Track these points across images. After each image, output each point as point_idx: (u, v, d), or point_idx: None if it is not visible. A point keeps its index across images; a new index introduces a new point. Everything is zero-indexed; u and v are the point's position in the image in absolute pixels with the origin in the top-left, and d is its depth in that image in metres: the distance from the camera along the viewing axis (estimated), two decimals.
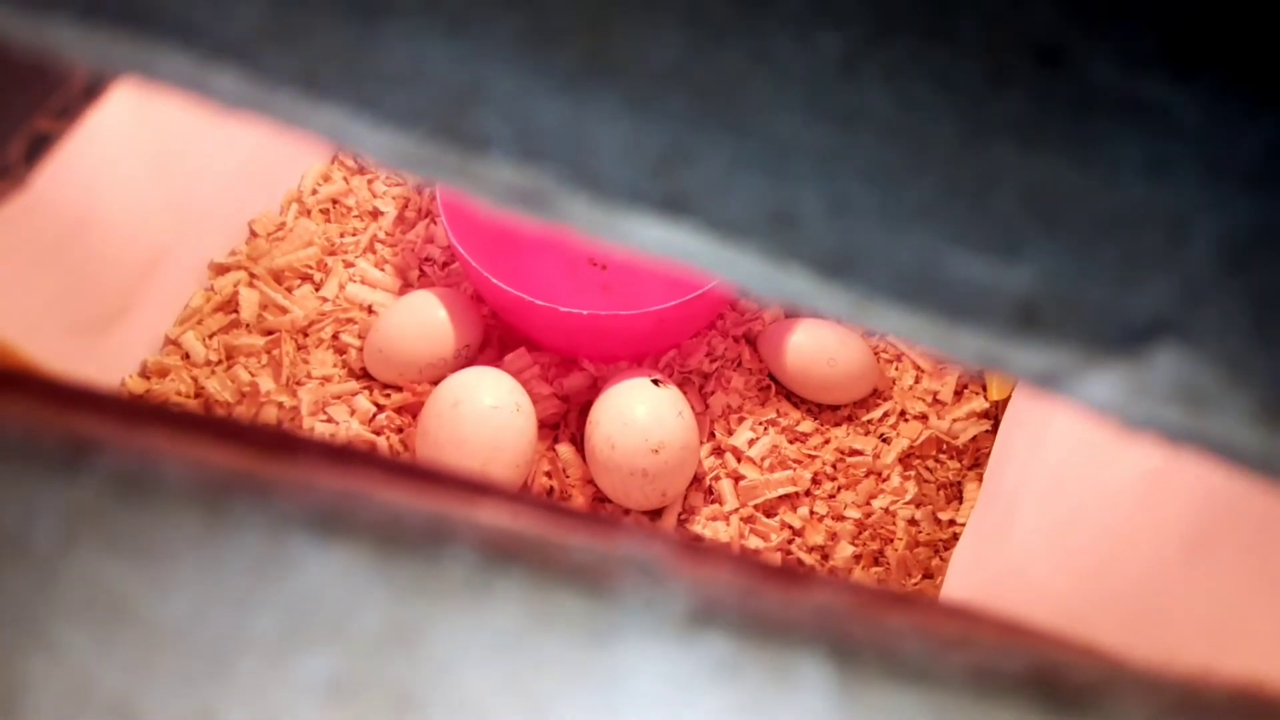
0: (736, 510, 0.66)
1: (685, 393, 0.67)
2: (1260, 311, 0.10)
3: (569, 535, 0.10)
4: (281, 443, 0.11)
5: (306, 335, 0.71)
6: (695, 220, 0.10)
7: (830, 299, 0.10)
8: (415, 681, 0.09)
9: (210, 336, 0.70)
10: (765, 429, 0.69)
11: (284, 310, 0.71)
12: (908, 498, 0.67)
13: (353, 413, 0.67)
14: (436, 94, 0.10)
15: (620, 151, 0.10)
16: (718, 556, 0.10)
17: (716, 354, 0.72)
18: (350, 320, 0.71)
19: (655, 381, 0.64)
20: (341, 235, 0.76)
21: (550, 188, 0.10)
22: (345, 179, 0.79)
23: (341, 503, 0.10)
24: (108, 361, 0.66)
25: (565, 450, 0.67)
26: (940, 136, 0.11)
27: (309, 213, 0.77)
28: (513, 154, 0.10)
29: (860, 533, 0.66)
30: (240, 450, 0.10)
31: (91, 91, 0.19)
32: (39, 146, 0.19)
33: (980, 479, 0.67)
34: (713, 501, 0.66)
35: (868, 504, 0.67)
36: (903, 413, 0.71)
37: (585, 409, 0.67)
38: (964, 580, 0.61)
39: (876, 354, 0.71)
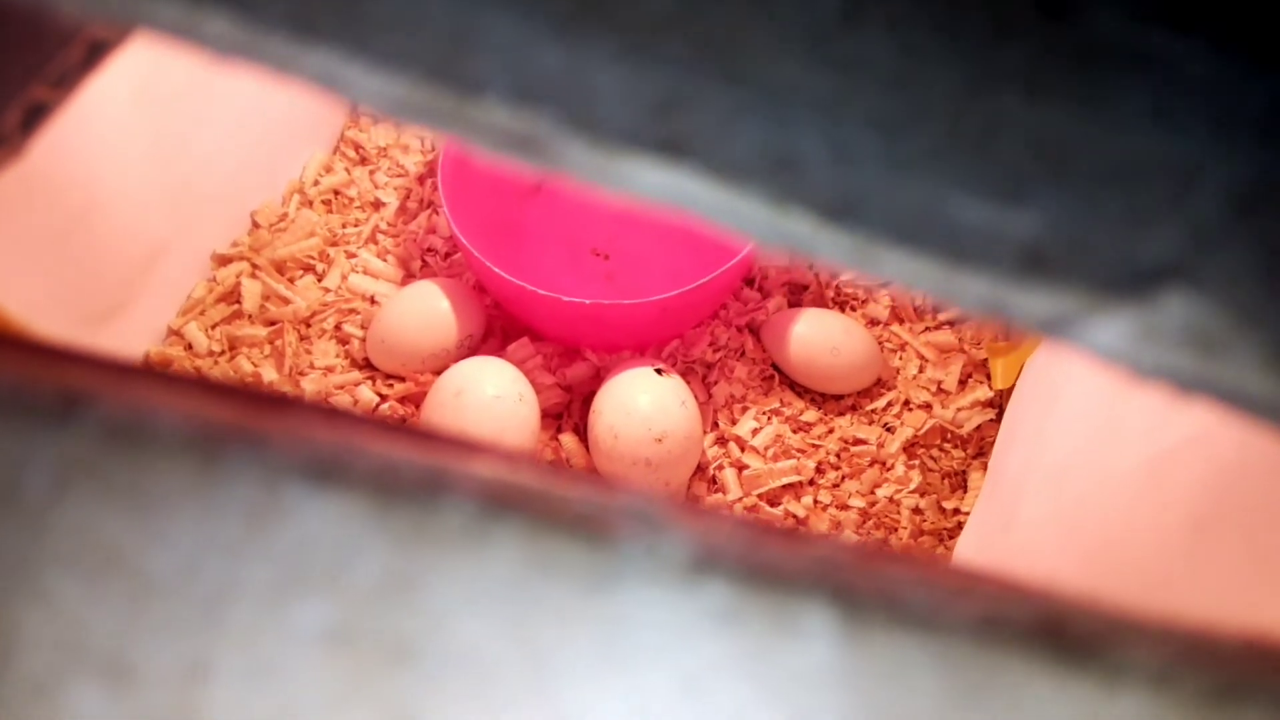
0: (740, 500, 0.66)
1: (689, 382, 0.67)
2: (1271, 258, 0.10)
3: (568, 487, 0.10)
4: (275, 399, 0.11)
5: (309, 326, 0.71)
6: (695, 163, 0.10)
7: (832, 243, 0.10)
8: (413, 630, 0.09)
9: (213, 327, 0.70)
10: (769, 418, 0.69)
11: (286, 301, 0.71)
12: (912, 487, 0.67)
13: (356, 403, 0.67)
14: (431, 37, 0.10)
15: (618, 95, 0.10)
16: (718, 514, 0.10)
17: (720, 343, 0.71)
18: (353, 311, 0.71)
19: (658, 371, 0.64)
20: (344, 226, 0.76)
21: (547, 132, 0.10)
22: (347, 170, 0.79)
23: (337, 453, 0.10)
24: (111, 351, 0.66)
25: (568, 440, 0.66)
26: (944, 85, 0.10)
27: (311, 203, 0.77)
28: (508, 98, 0.10)
29: (864, 522, 0.65)
30: (233, 404, 0.10)
31: (90, 60, 0.19)
32: (36, 115, 0.19)
33: (984, 468, 0.67)
34: (716, 491, 0.66)
35: (872, 493, 0.67)
36: (907, 402, 0.71)
37: (588, 399, 0.67)
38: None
39: (880, 343, 0.71)
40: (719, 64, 0.10)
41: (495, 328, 0.72)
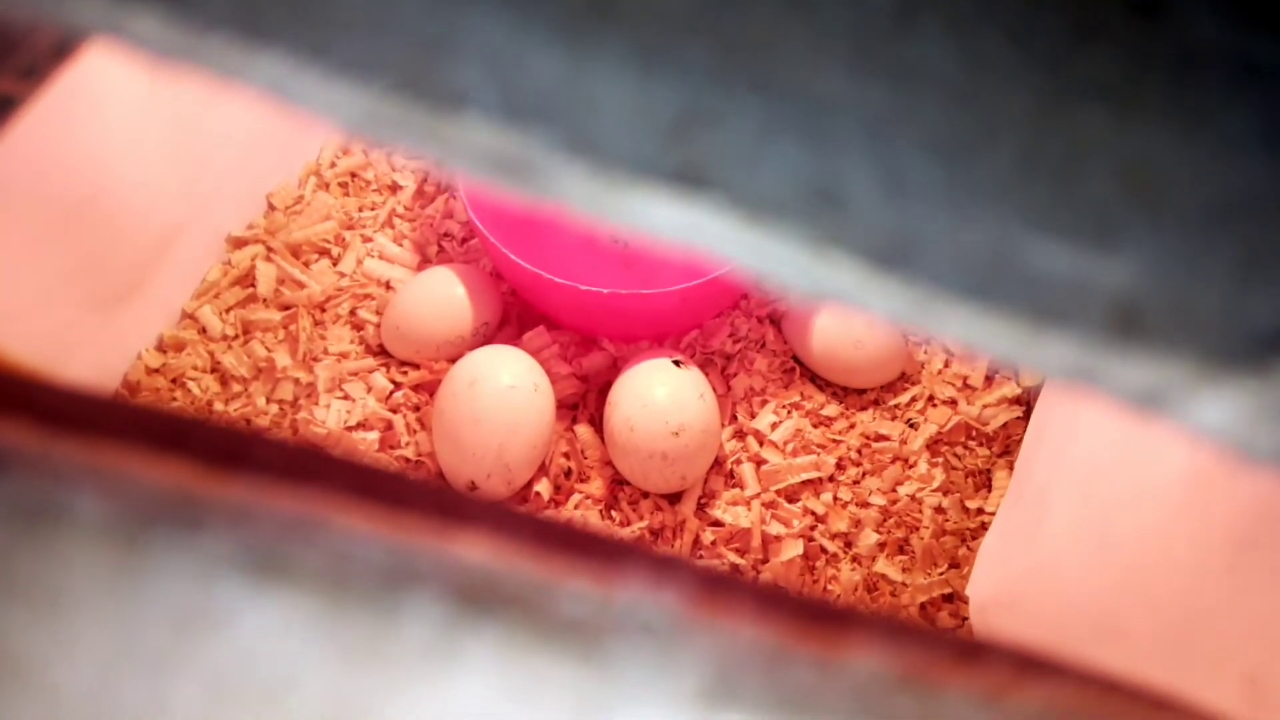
0: (758, 495, 0.64)
1: (707, 374, 0.65)
2: None
3: (560, 576, 0.08)
4: (230, 449, 0.09)
5: (324, 311, 0.69)
6: (717, 197, 0.08)
7: (884, 295, 0.08)
8: None
9: (227, 311, 0.69)
10: (789, 412, 0.67)
11: (301, 285, 0.70)
12: (935, 485, 0.65)
13: (369, 390, 0.66)
14: (402, 41, 0.08)
15: (626, 113, 0.08)
16: (738, 599, 0.08)
17: (740, 335, 0.70)
18: (368, 296, 0.70)
19: (676, 362, 0.63)
20: (360, 209, 0.75)
21: (539, 155, 0.08)
22: (364, 151, 0.77)
23: (285, 537, 0.08)
24: (124, 335, 0.65)
25: (584, 431, 0.65)
26: (1016, 101, 0.09)
27: (327, 186, 0.75)
28: (493, 113, 0.08)
29: (885, 520, 0.64)
30: (177, 463, 0.09)
31: (60, 51, 0.18)
32: (3, 109, 0.17)
33: (1011, 467, 0.65)
34: (733, 486, 0.65)
35: (893, 491, 0.65)
36: (931, 397, 0.69)
37: (604, 389, 0.65)
38: (993, 571, 0.59)
39: (905, 337, 0.69)
40: (747, 73, 0.09)
41: (511, 315, 0.70)
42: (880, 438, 0.67)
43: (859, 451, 0.66)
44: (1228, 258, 0.09)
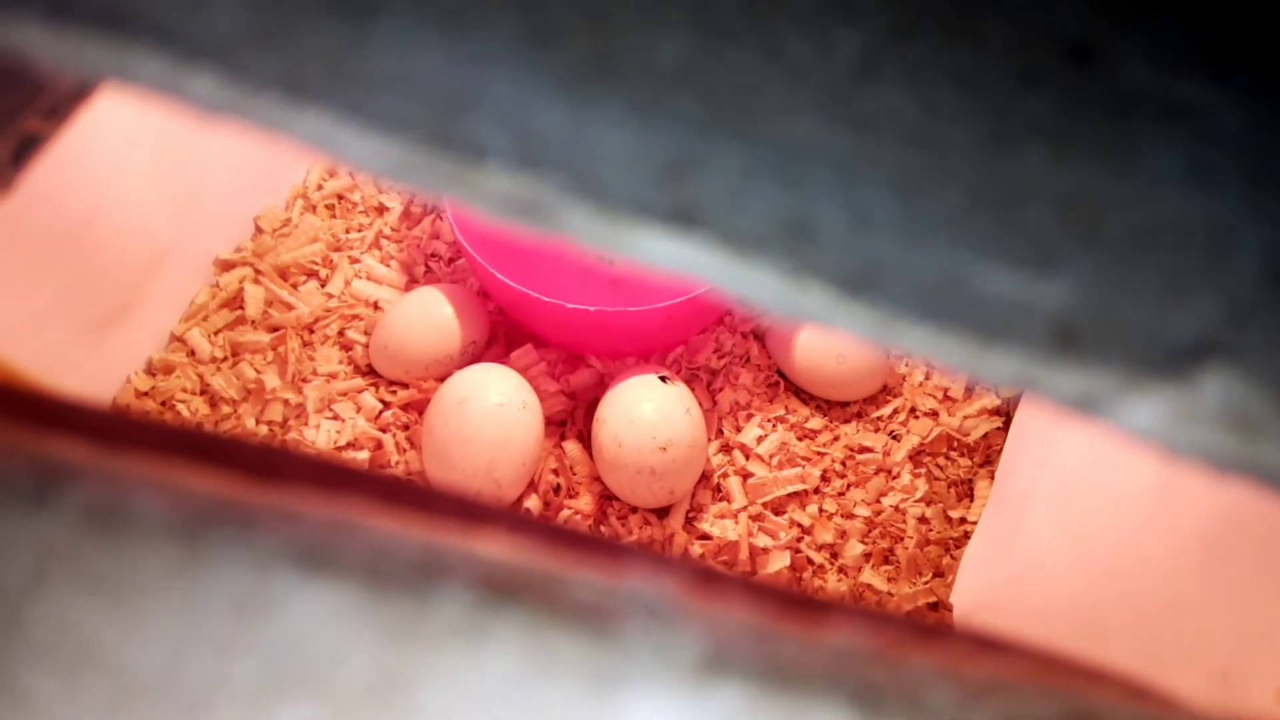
0: (745, 508, 0.65)
1: (693, 389, 0.66)
2: None
3: (571, 569, 0.09)
4: (267, 464, 0.10)
5: (312, 332, 0.70)
6: (706, 233, 0.10)
7: (851, 317, 0.10)
8: None
9: (216, 333, 0.70)
10: (774, 426, 0.68)
11: (289, 307, 0.71)
12: (918, 495, 0.66)
13: (358, 410, 0.67)
14: (428, 98, 0.10)
15: (625, 159, 0.10)
16: (730, 589, 0.10)
17: (724, 350, 0.71)
18: (356, 317, 0.71)
19: (663, 378, 0.64)
20: (347, 231, 0.76)
21: (551, 198, 0.10)
22: (350, 174, 0.78)
23: (329, 534, 0.09)
24: (113, 359, 0.65)
25: (572, 448, 0.66)
26: (966, 141, 0.10)
27: (314, 208, 0.76)
28: (510, 162, 0.10)
29: (870, 531, 0.65)
30: (223, 475, 0.10)
31: (81, 91, 0.19)
32: (27, 147, 0.18)
33: (992, 476, 0.66)
34: (721, 499, 0.66)
35: (878, 502, 0.66)
36: (913, 409, 0.70)
37: (592, 406, 0.66)
38: (976, 579, 0.60)
39: (886, 351, 0.71)
40: (729, 122, 0.10)
41: (499, 334, 0.71)
42: (864, 449, 0.68)
43: (843, 463, 0.67)
44: (1153, 279, 0.10)
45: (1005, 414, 0.69)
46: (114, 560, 0.09)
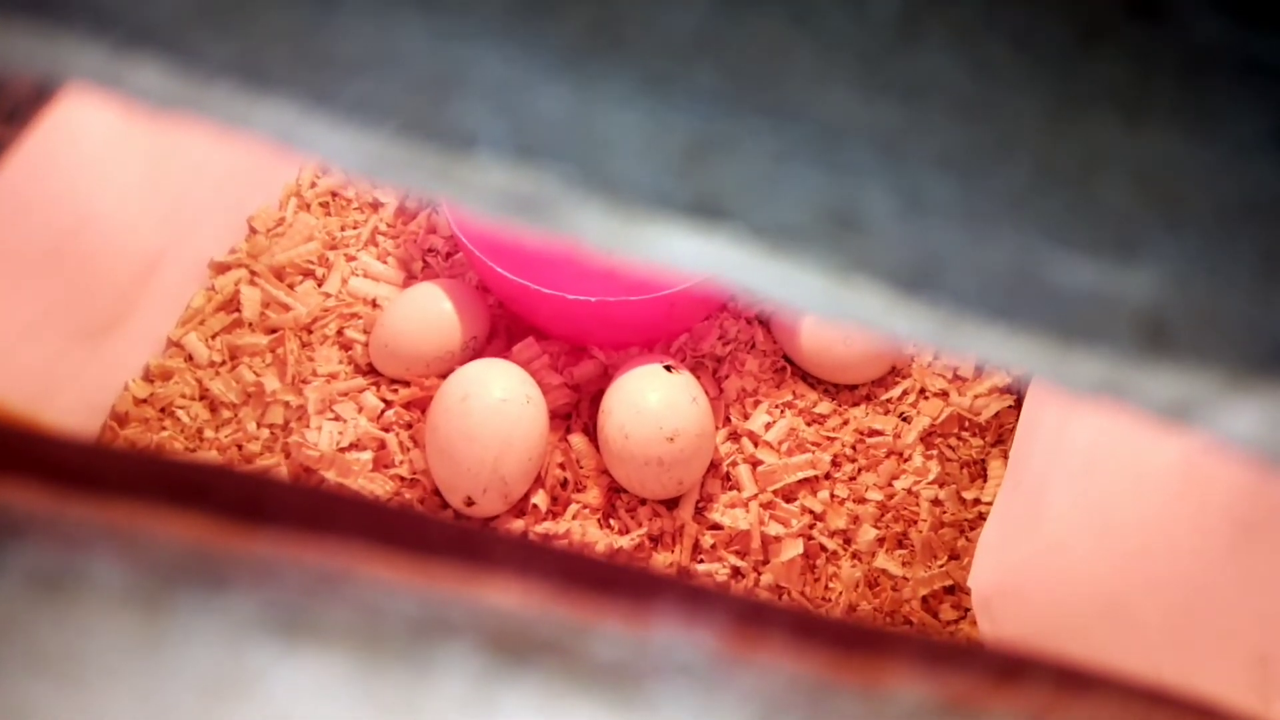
0: (755, 496, 0.64)
1: (698, 377, 0.65)
2: None
3: (593, 618, 0.08)
4: (246, 501, 0.09)
5: (310, 332, 0.69)
6: (735, 227, 0.08)
7: (910, 319, 0.08)
8: None
9: (213, 337, 0.69)
10: (782, 411, 0.67)
11: (287, 308, 0.70)
12: (931, 477, 0.65)
13: (360, 410, 0.66)
14: (408, 81, 0.08)
15: (637, 144, 0.08)
16: (776, 630, 0.08)
17: (729, 336, 0.70)
18: (354, 315, 0.70)
19: (668, 367, 0.62)
20: (342, 229, 0.74)
21: (554, 193, 0.08)
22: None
23: (313, 592, 0.08)
24: (110, 366, 0.64)
25: (578, 441, 0.65)
26: (1027, 110, 0.09)
27: (308, 207, 0.75)
28: (505, 153, 0.08)
29: (883, 515, 0.64)
30: (196, 518, 0.09)
31: (41, 94, 0.17)
32: None
33: (1005, 456, 0.65)
34: (731, 488, 0.65)
35: (890, 485, 0.65)
36: (922, 390, 0.69)
37: (597, 398, 0.65)
38: (994, 561, 0.59)
39: None
40: (756, 97, 0.08)
41: (500, 328, 0.70)
42: (874, 433, 0.67)
43: (853, 447, 0.66)
44: (1249, 262, 0.09)
45: (1016, 392, 0.68)
46: (67, 635, 0.08)
